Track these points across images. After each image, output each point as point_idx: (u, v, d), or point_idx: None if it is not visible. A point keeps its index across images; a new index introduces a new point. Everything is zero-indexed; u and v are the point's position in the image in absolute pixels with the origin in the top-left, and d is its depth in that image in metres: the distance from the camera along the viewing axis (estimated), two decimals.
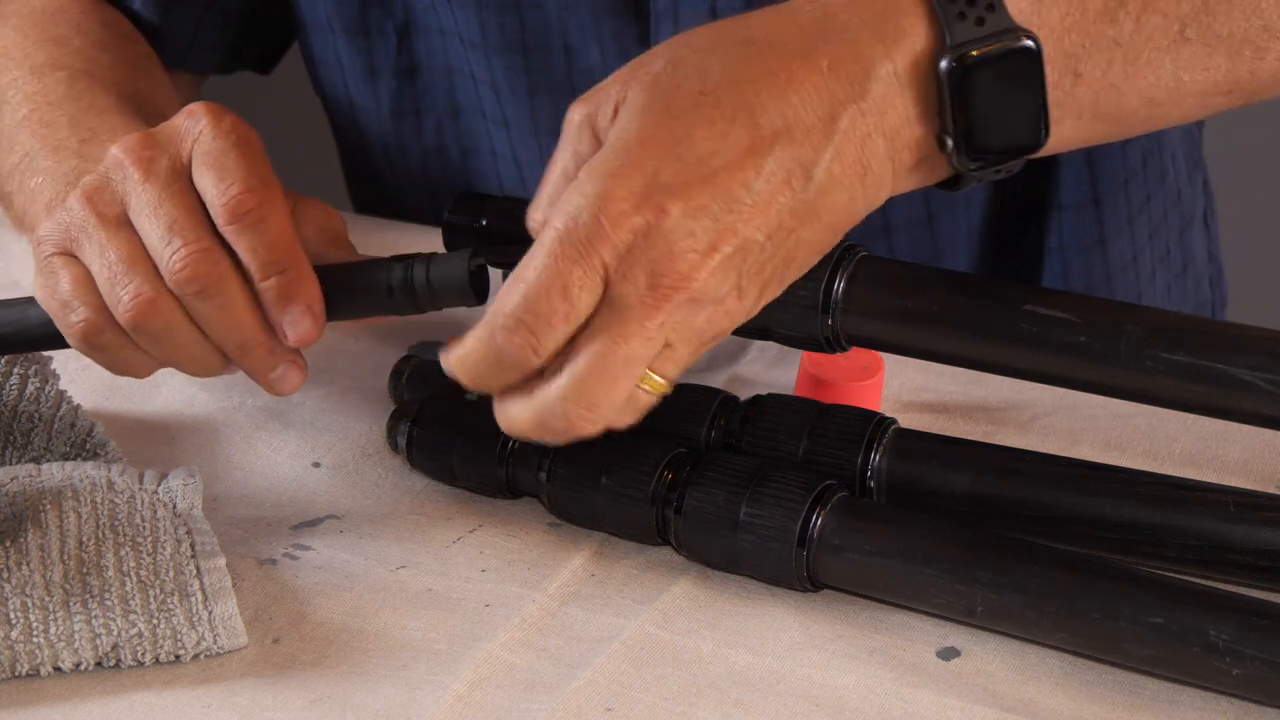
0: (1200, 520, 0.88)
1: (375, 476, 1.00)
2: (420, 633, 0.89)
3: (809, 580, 0.90)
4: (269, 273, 0.89)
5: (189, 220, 0.89)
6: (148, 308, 0.89)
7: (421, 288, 0.89)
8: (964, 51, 0.83)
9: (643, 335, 0.83)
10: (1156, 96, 0.88)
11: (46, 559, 0.89)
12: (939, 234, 1.18)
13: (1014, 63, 0.84)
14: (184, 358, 0.92)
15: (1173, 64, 0.87)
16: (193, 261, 0.89)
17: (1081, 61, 0.86)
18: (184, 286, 0.89)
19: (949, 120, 0.84)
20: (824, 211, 0.84)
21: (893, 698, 0.85)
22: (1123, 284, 1.22)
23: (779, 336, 0.93)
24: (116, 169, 0.91)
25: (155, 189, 0.90)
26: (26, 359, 1.02)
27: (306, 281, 0.90)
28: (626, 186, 0.81)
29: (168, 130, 0.92)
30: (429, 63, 1.22)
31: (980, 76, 0.83)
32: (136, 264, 0.90)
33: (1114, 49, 0.86)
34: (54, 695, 0.86)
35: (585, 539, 0.95)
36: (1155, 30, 0.86)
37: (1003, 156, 0.86)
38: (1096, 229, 1.20)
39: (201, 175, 0.90)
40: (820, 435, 0.93)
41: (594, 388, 0.83)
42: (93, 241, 0.90)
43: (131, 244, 0.90)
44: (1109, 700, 0.85)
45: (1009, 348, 0.88)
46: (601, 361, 0.83)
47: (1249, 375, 0.84)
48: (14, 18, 1.17)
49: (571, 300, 0.82)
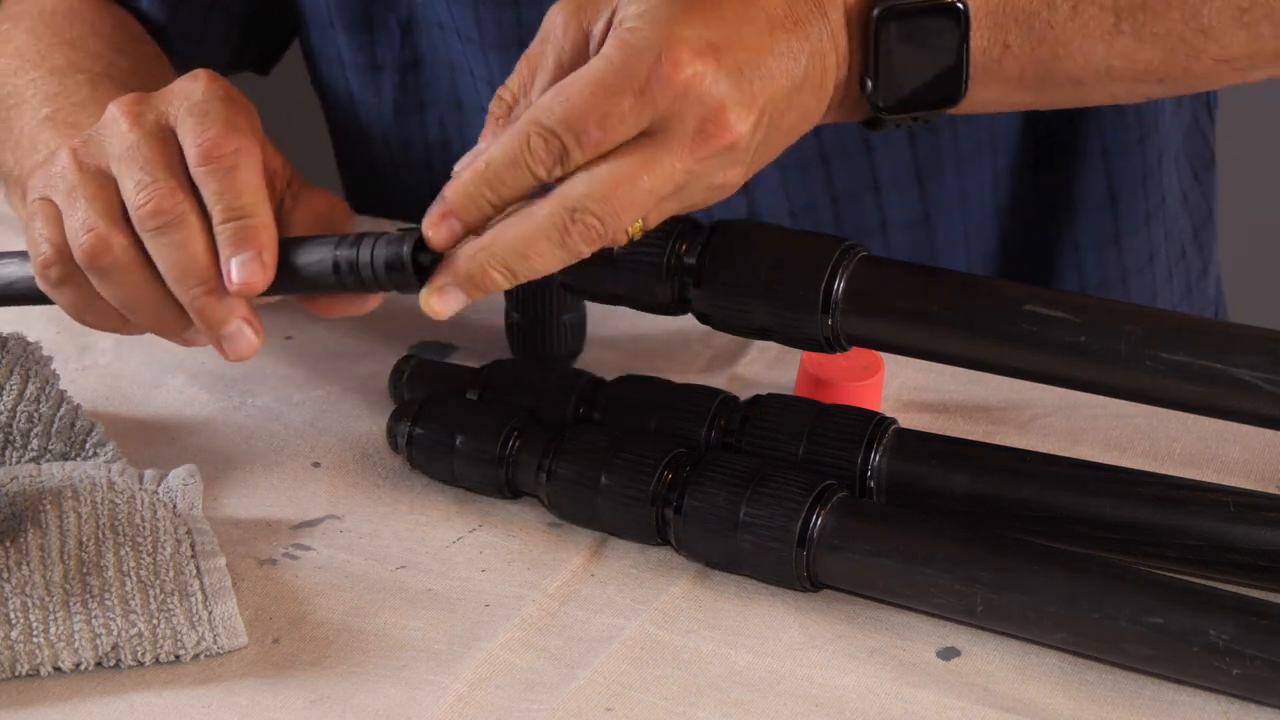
0: (1200, 520, 0.88)
1: (375, 476, 1.00)
2: (420, 633, 0.89)
3: (809, 580, 0.90)
4: (229, 217, 0.89)
5: (161, 163, 0.90)
6: (98, 243, 0.90)
7: (364, 267, 0.89)
8: (893, 3, 0.89)
9: (671, 171, 0.85)
10: (1084, 78, 0.93)
11: (46, 559, 0.89)
12: (936, 235, 1.18)
13: (936, 23, 0.89)
14: (137, 302, 0.92)
15: (1105, 52, 0.92)
16: (156, 196, 0.89)
17: (1011, 34, 0.91)
18: (146, 221, 0.90)
19: (870, 64, 0.89)
20: (798, 105, 0.89)
21: (893, 698, 0.85)
22: (1139, 284, 1.23)
23: (779, 336, 0.93)
24: (110, 122, 0.93)
25: (136, 135, 0.91)
26: (26, 359, 1.02)
27: (264, 232, 0.90)
28: (687, 35, 0.85)
29: (165, 90, 0.94)
30: (432, 57, 1.22)
31: (900, 27, 0.89)
32: (97, 202, 0.91)
33: (1046, 30, 0.91)
34: (54, 695, 0.86)
35: (585, 539, 0.95)
36: (1090, 19, 0.91)
37: (918, 106, 0.91)
38: (1112, 227, 1.20)
39: (183, 124, 0.91)
40: (820, 435, 0.93)
41: (614, 200, 0.85)
42: (68, 184, 0.92)
43: (99, 186, 0.91)
44: (1109, 700, 0.85)
45: (1009, 348, 0.88)
46: (629, 178, 0.85)
47: (1249, 375, 0.84)
48: (25, 19, 1.18)
49: (610, 129, 0.84)
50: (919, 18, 0.89)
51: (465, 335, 1.10)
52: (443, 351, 1.09)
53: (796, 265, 0.91)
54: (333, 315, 0.93)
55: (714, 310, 0.94)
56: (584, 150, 0.84)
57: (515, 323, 1.07)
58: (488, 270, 0.86)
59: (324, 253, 0.89)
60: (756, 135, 0.87)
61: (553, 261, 0.86)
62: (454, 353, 1.09)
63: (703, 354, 1.08)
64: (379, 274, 0.88)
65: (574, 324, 1.07)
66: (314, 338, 1.11)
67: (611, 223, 0.85)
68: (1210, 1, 0.91)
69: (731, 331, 0.94)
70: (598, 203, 0.85)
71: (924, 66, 0.90)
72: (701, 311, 0.94)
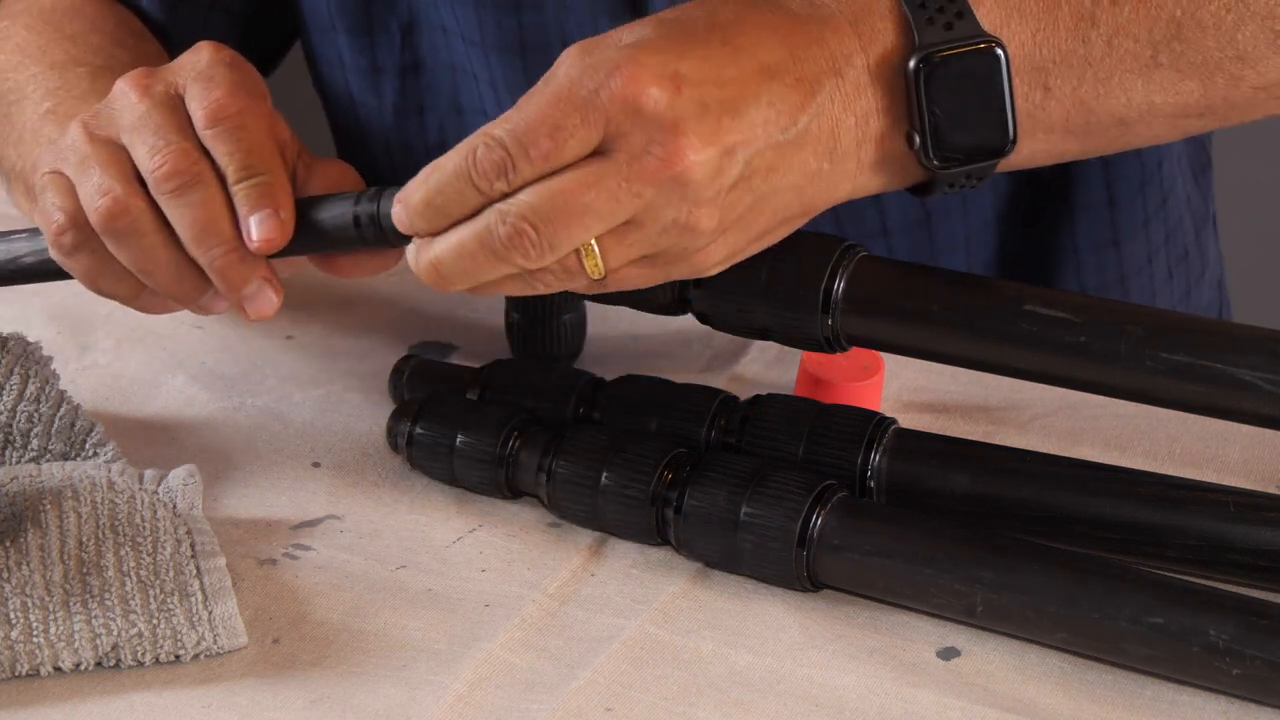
0: (1200, 520, 0.88)
1: (375, 476, 1.00)
2: (420, 633, 0.89)
3: (809, 580, 0.90)
4: (243, 176, 0.90)
5: (174, 127, 0.91)
6: (115, 206, 0.90)
7: (385, 218, 0.88)
8: (930, 51, 0.85)
9: (616, 191, 0.82)
10: (1128, 116, 0.90)
11: (46, 559, 0.89)
12: (936, 237, 1.18)
13: (979, 64, 0.86)
14: (155, 266, 0.92)
15: (1144, 86, 0.89)
16: (172, 157, 0.90)
17: (1051, 76, 0.88)
18: (162, 184, 0.90)
19: (915, 117, 0.86)
20: (797, 166, 0.85)
21: (893, 698, 0.85)
22: (1137, 285, 1.23)
23: (779, 336, 0.93)
24: (119, 95, 0.93)
25: (146, 106, 0.92)
26: (26, 359, 1.02)
27: (280, 189, 0.90)
28: (649, 60, 0.83)
29: (171, 64, 0.95)
30: (433, 60, 1.22)
31: (944, 75, 0.85)
32: (111, 167, 0.91)
33: (1085, 67, 0.88)
34: (54, 695, 0.86)
35: (585, 539, 0.95)
36: (1127, 53, 0.88)
37: (970, 159, 0.87)
38: (1110, 230, 1.20)
39: (190, 90, 0.92)
40: (820, 435, 0.94)
41: (551, 212, 0.83)
42: (79, 154, 0.92)
43: (112, 152, 0.92)
44: (1109, 700, 0.85)
45: (1009, 348, 0.88)
46: (569, 192, 0.83)
47: (1249, 375, 0.84)
48: (24, 16, 1.18)
49: (559, 141, 0.82)
50: (958, 63, 0.86)
51: (465, 335, 1.10)
52: (443, 351, 1.09)
53: (796, 265, 0.91)
54: (356, 275, 0.93)
55: (714, 310, 0.94)
56: (531, 163, 0.83)
57: (515, 323, 1.07)
58: (432, 268, 0.86)
59: (344, 208, 0.90)
60: (723, 177, 0.83)
61: (486, 268, 0.85)
62: (454, 353, 1.09)
63: (703, 354, 1.08)
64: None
65: (574, 324, 1.07)
66: (314, 338, 1.11)
67: (547, 236, 0.83)
68: (1244, 26, 0.89)
69: (731, 331, 0.95)
70: (534, 211, 0.83)
71: (969, 114, 0.86)
72: (701, 311, 0.94)
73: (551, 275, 0.85)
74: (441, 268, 0.86)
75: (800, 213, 0.87)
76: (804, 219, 0.88)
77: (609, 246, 0.84)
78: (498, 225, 0.84)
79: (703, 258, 0.86)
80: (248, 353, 1.09)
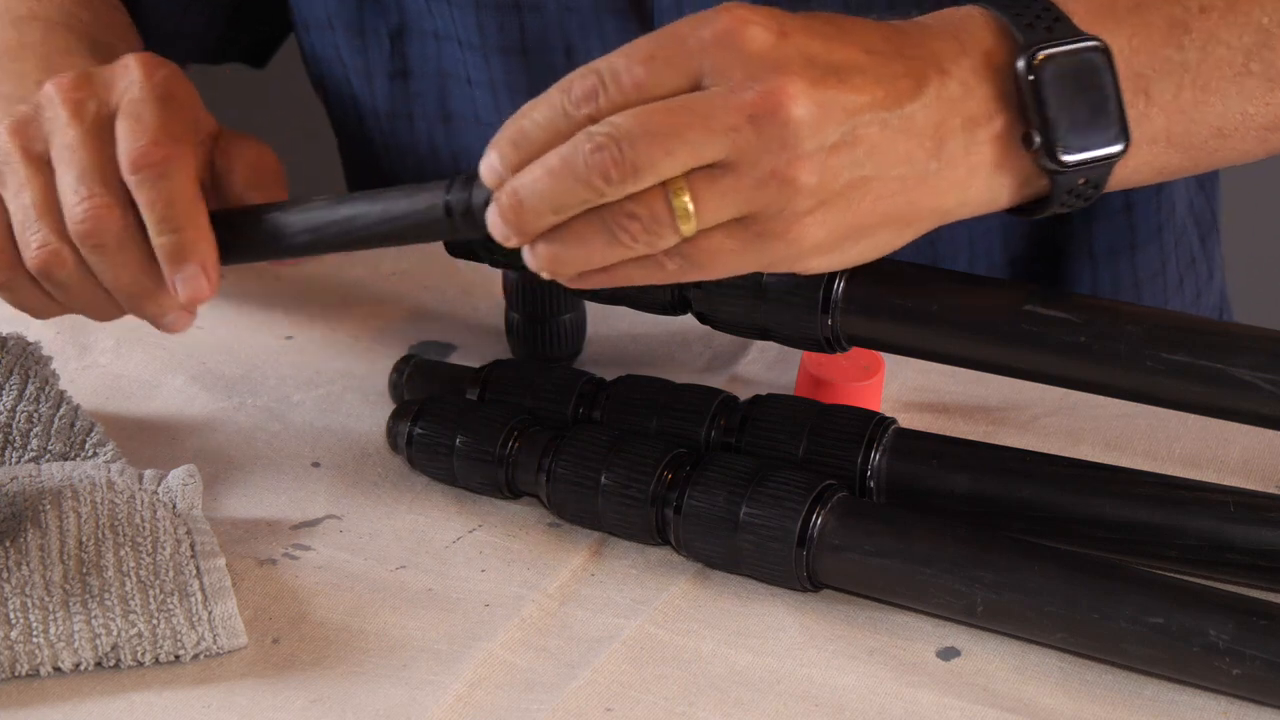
0: (1200, 520, 0.88)
1: (375, 476, 1.00)
2: (420, 633, 0.89)
3: (809, 580, 0.90)
4: (164, 229, 0.90)
5: (99, 172, 0.91)
6: (53, 258, 0.91)
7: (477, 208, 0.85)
8: (1036, 48, 0.84)
9: (709, 120, 0.79)
10: (1225, 127, 0.89)
11: (46, 559, 0.89)
12: (939, 240, 1.18)
13: (1086, 61, 0.84)
14: (83, 305, 0.94)
15: (1238, 94, 0.88)
16: (92, 216, 0.90)
17: (1152, 83, 0.87)
18: (83, 240, 0.91)
19: (1031, 114, 0.84)
20: (902, 154, 0.82)
21: (893, 698, 0.85)
22: (1150, 291, 1.22)
23: (779, 336, 0.93)
24: (49, 105, 0.93)
25: (76, 133, 0.92)
26: (26, 359, 1.02)
27: (202, 241, 0.91)
28: (755, 10, 0.80)
29: (102, 75, 0.94)
30: (421, 68, 1.22)
31: (1054, 71, 0.84)
32: (48, 212, 0.92)
33: (1182, 73, 0.87)
34: (54, 695, 0.86)
35: (585, 539, 0.95)
36: (1220, 60, 0.88)
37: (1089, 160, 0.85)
38: (1128, 234, 1.20)
39: (120, 124, 0.92)
40: (820, 435, 0.94)
41: (638, 131, 0.79)
42: (15, 177, 0.93)
43: (47, 188, 0.92)
44: (1109, 700, 0.85)
45: (1009, 348, 0.88)
46: (658, 113, 0.79)
47: (1249, 375, 0.84)
48: None
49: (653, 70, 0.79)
50: (1066, 60, 0.84)
51: (465, 335, 1.10)
52: (443, 351, 1.09)
53: None
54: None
55: (714, 310, 0.94)
56: (623, 90, 0.79)
57: (515, 323, 1.07)
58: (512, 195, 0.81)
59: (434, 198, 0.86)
60: (825, 132, 0.80)
61: (566, 192, 0.80)
62: (454, 353, 1.09)
63: (703, 354, 1.08)
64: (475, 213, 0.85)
65: (574, 324, 1.07)
66: (314, 338, 1.11)
67: (630, 155, 0.78)
68: None
69: (731, 331, 0.95)
70: (619, 129, 0.79)
71: (1082, 112, 0.84)
72: (701, 311, 0.94)
73: (638, 223, 0.80)
74: (521, 192, 0.81)
75: (903, 215, 0.84)
76: (906, 229, 0.85)
77: (701, 189, 0.80)
78: (583, 143, 0.79)
79: (800, 231, 0.81)
80: (248, 353, 1.09)
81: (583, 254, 0.82)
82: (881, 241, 0.84)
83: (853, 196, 0.82)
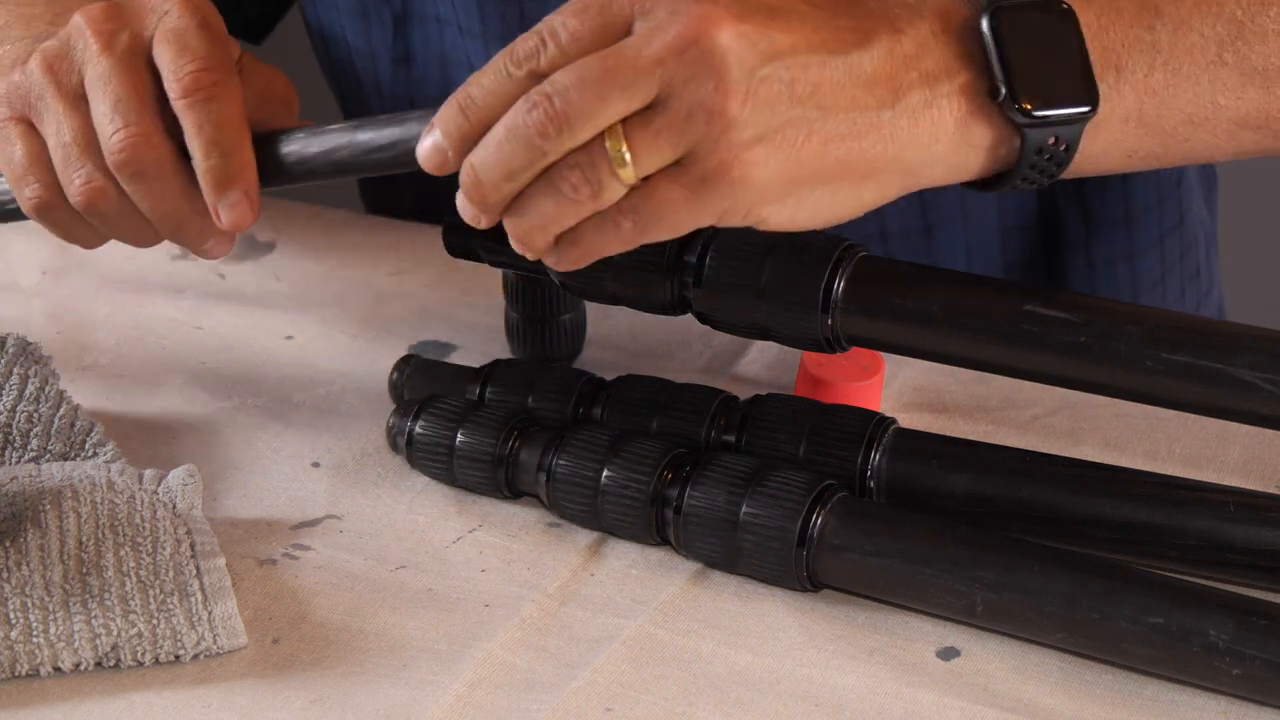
0: (1200, 520, 0.88)
1: (375, 476, 1.00)
2: (420, 633, 0.89)
3: (809, 580, 0.90)
4: (211, 152, 0.90)
5: (135, 100, 0.91)
6: (97, 194, 0.92)
7: None
8: (998, 4, 0.83)
9: (635, 60, 0.79)
10: (1197, 115, 0.88)
11: (46, 559, 0.89)
12: (935, 246, 1.18)
13: (1053, 19, 0.84)
14: (125, 234, 0.95)
15: (1210, 83, 0.88)
16: (129, 145, 0.90)
17: (1122, 58, 0.86)
18: (121, 169, 0.91)
19: (996, 69, 0.83)
20: (848, 98, 0.81)
21: (893, 698, 0.85)
22: (1149, 302, 1.22)
23: (779, 336, 0.93)
24: (78, 37, 0.93)
25: (109, 62, 0.91)
26: (26, 359, 1.02)
27: (247, 167, 0.91)
28: None
29: (134, 5, 0.94)
30: (424, 53, 1.22)
31: (1017, 23, 0.83)
32: (88, 147, 0.92)
33: (1154, 54, 0.87)
34: (54, 695, 0.86)
35: (585, 539, 0.95)
36: (1192, 46, 0.87)
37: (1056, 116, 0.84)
38: (1126, 245, 1.20)
39: (162, 50, 0.92)
40: (820, 435, 0.94)
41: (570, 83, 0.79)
42: (50, 114, 0.92)
43: (84, 123, 0.92)
44: (1109, 700, 0.85)
45: (1009, 348, 0.88)
46: (588, 63, 0.79)
47: (1249, 375, 0.84)
48: None
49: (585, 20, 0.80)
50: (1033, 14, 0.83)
51: (465, 335, 1.10)
52: (443, 351, 1.09)
53: (796, 265, 0.91)
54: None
55: (714, 310, 0.94)
56: (560, 46, 0.80)
57: (515, 323, 1.07)
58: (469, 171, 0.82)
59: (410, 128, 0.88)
60: (753, 61, 0.79)
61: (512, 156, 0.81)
62: (454, 353, 1.09)
63: (703, 354, 1.08)
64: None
65: (574, 324, 1.07)
66: (314, 338, 1.11)
67: (563, 106, 0.79)
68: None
69: (731, 331, 0.95)
70: (554, 85, 0.79)
71: (1049, 65, 0.83)
72: (701, 311, 0.94)
73: (578, 172, 0.80)
74: (477, 167, 0.82)
75: (858, 164, 0.83)
76: (866, 181, 0.83)
77: (634, 131, 0.80)
78: (521, 105, 0.80)
79: (742, 170, 0.80)
80: (248, 353, 1.09)
81: (537, 217, 0.82)
82: (842, 195, 0.84)
83: (793, 136, 0.81)
